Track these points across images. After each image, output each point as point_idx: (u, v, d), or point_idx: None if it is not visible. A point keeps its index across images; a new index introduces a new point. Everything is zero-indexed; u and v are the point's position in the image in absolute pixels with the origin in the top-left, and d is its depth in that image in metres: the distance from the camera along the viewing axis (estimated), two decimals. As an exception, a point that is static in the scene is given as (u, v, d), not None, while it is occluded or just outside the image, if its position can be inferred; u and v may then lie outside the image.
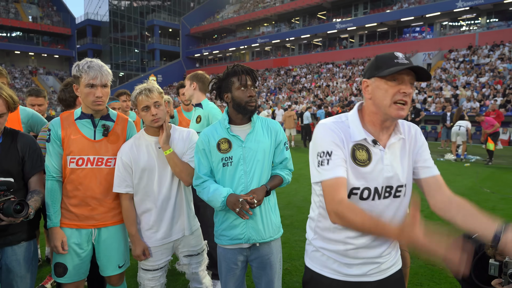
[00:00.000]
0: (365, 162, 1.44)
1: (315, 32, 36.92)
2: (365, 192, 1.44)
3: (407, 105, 1.40)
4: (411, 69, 1.38)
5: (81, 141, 2.15)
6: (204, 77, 3.27)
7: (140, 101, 2.17)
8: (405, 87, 1.38)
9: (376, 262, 1.51)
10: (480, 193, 7.03)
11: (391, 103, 1.39)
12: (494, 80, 21.11)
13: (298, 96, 29.56)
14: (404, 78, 1.39)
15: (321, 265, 1.56)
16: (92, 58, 2.14)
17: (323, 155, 1.43)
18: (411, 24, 31.87)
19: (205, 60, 49.93)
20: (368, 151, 1.45)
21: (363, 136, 1.45)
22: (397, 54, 1.41)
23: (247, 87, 2.03)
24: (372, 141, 1.45)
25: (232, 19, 44.78)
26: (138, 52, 51.12)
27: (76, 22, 50.64)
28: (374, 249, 1.49)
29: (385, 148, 1.46)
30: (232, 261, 2.12)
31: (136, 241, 2.23)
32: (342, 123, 1.49)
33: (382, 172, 1.44)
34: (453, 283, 3.37)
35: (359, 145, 1.45)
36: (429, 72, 1.39)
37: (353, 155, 1.44)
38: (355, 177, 1.43)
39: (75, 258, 2.16)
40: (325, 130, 1.47)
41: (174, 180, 2.27)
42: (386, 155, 1.45)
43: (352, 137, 1.45)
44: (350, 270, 1.50)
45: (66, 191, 2.17)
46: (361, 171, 1.43)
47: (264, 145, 2.08)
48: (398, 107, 1.39)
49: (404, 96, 1.39)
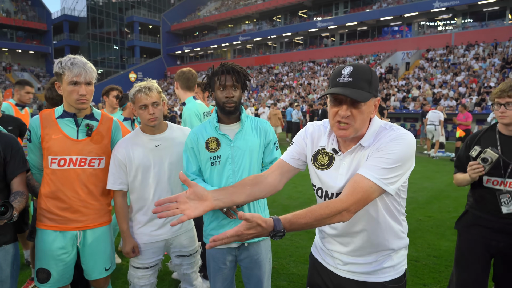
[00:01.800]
0: (323, 167, 1.50)
1: (296, 30, 37.09)
2: (319, 191, 1.54)
3: (350, 125, 1.34)
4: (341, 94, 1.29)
5: (63, 141, 2.08)
6: (188, 74, 3.23)
7: (138, 99, 2.13)
8: (341, 110, 1.34)
9: (342, 260, 1.53)
10: (458, 189, 7.22)
11: (334, 122, 1.38)
12: (470, 79, 21.76)
13: (280, 94, 29.65)
14: (342, 99, 1.34)
15: (314, 245, 1.74)
16: (75, 55, 2.06)
17: (291, 144, 1.64)
18: (390, 23, 32.46)
19: (186, 58, 49.41)
20: (331, 158, 1.49)
21: (324, 144, 1.51)
22: (343, 70, 1.34)
23: (226, 88, 2.00)
24: (332, 150, 1.48)
25: (213, 16, 44.47)
26: (117, 48, 50.09)
27: (52, 17, 49.14)
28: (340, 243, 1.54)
29: (342, 156, 1.46)
30: (221, 261, 2.11)
31: (126, 237, 2.21)
32: (324, 127, 1.56)
33: (336, 180, 1.46)
34: (436, 278, 3.46)
35: (323, 150, 1.52)
36: (358, 95, 1.28)
37: (314, 158, 1.54)
38: (314, 176, 1.55)
39: (59, 263, 2.09)
40: (305, 128, 1.62)
41: (172, 177, 2.25)
42: (344, 164, 1.44)
43: (320, 142, 1.54)
44: (326, 258, 1.62)
45: (48, 192, 2.10)
46: (318, 173, 1.52)
47: (253, 145, 2.07)
48: (339, 127, 1.37)
49: (342, 118, 1.34)
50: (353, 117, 1.34)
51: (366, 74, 1.33)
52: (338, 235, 1.53)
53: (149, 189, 2.22)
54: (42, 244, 2.08)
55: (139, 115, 2.18)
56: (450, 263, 3.76)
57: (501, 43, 24.56)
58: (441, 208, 5.82)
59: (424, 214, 5.51)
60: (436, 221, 5.15)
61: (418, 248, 4.18)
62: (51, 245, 2.07)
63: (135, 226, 2.27)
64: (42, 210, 2.11)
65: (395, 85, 24.56)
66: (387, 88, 24.62)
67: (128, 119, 3.97)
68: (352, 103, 1.33)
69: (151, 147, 2.22)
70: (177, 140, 2.27)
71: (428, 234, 4.63)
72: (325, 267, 1.61)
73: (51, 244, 2.07)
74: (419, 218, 5.31)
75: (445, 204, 6.07)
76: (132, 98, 2.17)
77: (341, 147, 1.48)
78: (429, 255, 3.98)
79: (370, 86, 1.33)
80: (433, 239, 4.47)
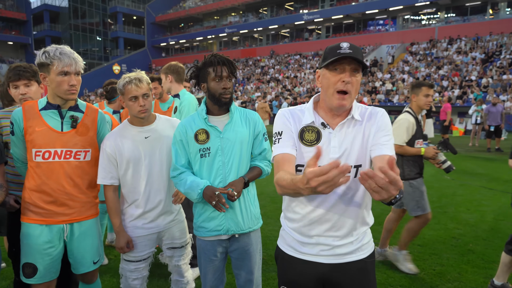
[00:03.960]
0: (313, 143, 1.52)
1: (282, 23, 37.01)
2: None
3: (349, 94, 1.45)
4: (348, 57, 1.42)
5: (47, 133, 2.03)
6: (179, 67, 3.27)
7: (128, 90, 2.10)
8: (345, 76, 1.44)
9: (327, 244, 1.55)
10: (441, 180, 7.40)
11: (334, 91, 1.46)
12: (452, 72, 22.17)
13: (266, 87, 29.62)
14: (345, 68, 1.44)
15: (284, 243, 1.68)
16: (60, 45, 2.01)
17: (276, 135, 1.58)
18: (375, 17, 32.69)
19: (171, 50, 48.76)
20: (318, 133, 1.53)
21: (312, 119, 1.55)
22: (342, 44, 1.44)
23: (222, 79, 1.99)
24: (321, 124, 1.54)
25: (199, 7, 43.90)
26: (100, 40, 49.05)
27: (32, 7, 47.77)
28: (326, 223, 1.54)
29: (333, 130, 1.52)
30: (212, 253, 2.11)
31: (120, 232, 2.19)
32: (300, 110, 1.61)
33: (328, 153, 1.50)
34: (420, 266, 3.54)
35: (309, 127, 1.55)
36: (362, 61, 1.43)
37: (301, 136, 1.54)
38: (301, 156, 1.53)
39: (45, 257, 2.05)
40: (278, 116, 1.62)
41: (163, 169, 2.23)
42: (335, 138, 1.51)
43: (303, 121, 1.56)
44: (304, 248, 1.59)
45: (33, 186, 2.05)
46: (307, 150, 1.52)
47: (242, 136, 2.07)
48: (339, 96, 1.45)
49: (344, 85, 1.44)
50: (352, 84, 1.45)
51: (360, 50, 1.47)
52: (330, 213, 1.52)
53: (141, 181, 2.19)
54: (28, 238, 2.04)
55: (128, 107, 2.15)
56: (434, 251, 3.86)
57: (482, 38, 25.07)
58: (424, 199, 5.94)
59: (408, 205, 5.61)
60: (420, 211, 5.25)
61: (403, 237, 4.26)
62: (37, 239, 2.03)
63: (127, 219, 2.24)
64: (27, 204, 2.07)
65: (380, 78, 24.82)
66: (372, 81, 24.86)
67: (117, 112, 3.91)
68: (352, 71, 1.45)
69: (140, 139, 2.19)
70: (166, 132, 2.25)
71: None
72: (303, 259, 1.59)
73: (37, 238, 2.03)
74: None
75: (428, 194, 6.15)
76: (122, 90, 2.13)
77: (328, 121, 1.54)
78: (414, 243, 4.07)
79: (363, 59, 1.46)
80: (417, 228, 4.56)
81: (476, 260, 3.66)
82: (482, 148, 12.21)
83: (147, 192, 2.20)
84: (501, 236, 4.27)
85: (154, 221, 2.25)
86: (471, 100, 17.99)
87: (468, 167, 8.85)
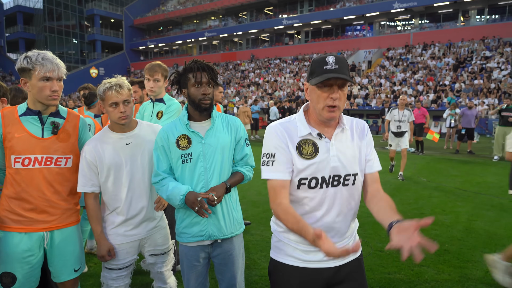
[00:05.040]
0: (312, 155, 1.55)
1: (262, 27, 37.27)
2: (313, 182, 1.56)
3: (338, 107, 1.51)
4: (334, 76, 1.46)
5: (27, 139, 1.99)
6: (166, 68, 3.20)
7: (108, 97, 2.07)
8: (333, 94, 1.50)
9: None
10: (418, 182, 7.62)
11: (324, 106, 1.52)
12: (427, 77, 22.86)
13: (247, 91, 29.69)
14: (332, 84, 1.49)
15: (282, 254, 1.65)
16: (33, 49, 2.00)
17: (268, 156, 1.57)
18: (353, 22, 33.39)
19: (150, 53, 48.21)
20: (314, 145, 1.57)
21: (308, 131, 1.57)
22: (328, 59, 1.49)
23: (201, 85, 2.00)
24: (317, 135, 1.58)
25: (178, 11, 43.67)
26: (77, 43, 47.95)
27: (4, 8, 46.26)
28: (331, 231, 1.60)
29: (331, 140, 1.58)
30: (194, 258, 2.11)
31: (101, 240, 2.15)
32: (290, 122, 1.62)
33: (328, 162, 1.55)
34: (399, 267, 3.64)
35: (305, 140, 1.57)
36: (348, 77, 1.48)
37: (299, 150, 1.56)
38: (302, 169, 1.55)
39: (24, 266, 2.00)
40: (271, 133, 1.60)
41: (145, 176, 2.21)
42: (332, 146, 1.57)
43: (298, 133, 1.58)
44: (308, 256, 1.60)
45: (12, 193, 2.01)
46: (308, 163, 1.55)
47: (224, 142, 2.08)
48: (329, 109, 1.52)
49: (333, 102, 1.50)
50: (340, 99, 1.52)
51: (346, 62, 1.53)
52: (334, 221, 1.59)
53: (122, 188, 2.16)
54: (6, 246, 1.99)
55: (108, 113, 2.12)
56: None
57: (454, 44, 25.99)
58: (402, 201, 6.11)
59: (386, 207, 5.75)
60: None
61: (382, 238, 4.37)
62: (16, 247, 1.98)
63: (108, 226, 2.21)
64: (6, 212, 2.01)
65: (358, 83, 25.33)
66: (350, 85, 25.34)
67: (99, 116, 3.85)
68: (340, 86, 1.50)
69: (121, 146, 2.16)
70: (148, 137, 2.24)
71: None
72: (308, 268, 1.60)
73: (16, 247, 1.98)
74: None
75: (406, 197, 6.37)
76: (102, 95, 2.10)
77: (322, 132, 1.59)
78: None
79: (349, 72, 1.52)
80: (396, 230, 4.68)
81: (452, 259, 3.79)
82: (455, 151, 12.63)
83: (128, 199, 2.18)
84: (475, 236, 4.43)
85: (136, 228, 2.22)
86: (445, 104, 18.59)
87: (443, 169, 9.14)
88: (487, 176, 8.11)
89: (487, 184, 7.35)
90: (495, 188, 6.95)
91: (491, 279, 3.34)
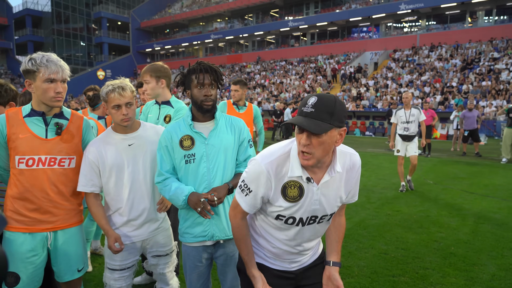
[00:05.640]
0: (296, 199, 1.51)
1: (268, 29, 37.32)
2: (290, 220, 1.59)
3: (311, 154, 1.40)
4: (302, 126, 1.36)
5: (31, 140, 2.01)
6: (169, 71, 3.07)
7: (111, 99, 2.08)
8: (302, 139, 1.40)
9: (294, 261, 1.72)
10: (424, 184, 7.55)
11: (299, 151, 1.44)
12: (434, 78, 22.70)
13: (252, 92, 29.73)
14: (304, 129, 1.37)
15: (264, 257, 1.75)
16: (39, 51, 2.03)
17: (247, 187, 1.56)
18: (359, 24, 33.29)
19: (157, 55, 48.52)
20: (300, 188, 1.51)
21: (299, 174, 1.48)
22: (309, 100, 1.39)
23: (204, 86, 2.01)
24: (306, 179, 1.50)
25: (184, 13, 43.92)
26: (84, 45, 48.43)
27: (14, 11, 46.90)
28: (299, 252, 1.71)
29: (318, 185, 1.52)
30: (197, 259, 2.11)
31: (108, 231, 2.15)
32: (284, 156, 1.51)
33: (310, 205, 1.54)
34: (403, 269, 3.61)
35: (291, 182, 1.50)
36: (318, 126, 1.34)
37: (283, 192, 1.51)
38: (282, 209, 1.54)
39: (28, 266, 2.02)
40: (257, 173, 1.52)
41: (147, 177, 2.22)
42: (318, 191, 1.52)
43: (289, 173, 1.49)
44: (274, 262, 1.72)
45: (16, 193, 2.03)
46: (289, 205, 1.53)
47: (227, 143, 2.08)
48: (303, 156, 1.42)
49: (303, 147, 1.40)
50: (313, 146, 1.39)
51: (329, 106, 1.36)
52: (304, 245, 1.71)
53: (124, 189, 2.17)
54: (10, 246, 2.00)
55: (111, 115, 2.14)
56: (417, 255, 3.93)
57: (461, 45, 25.79)
58: (408, 203, 6.06)
59: (392, 209, 5.72)
60: (404, 215, 5.36)
61: (387, 241, 4.34)
62: (20, 247, 2.00)
63: (112, 227, 2.21)
64: (10, 212, 2.03)
65: (365, 84, 25.23)
66: (356, 87, 25.24)
67: (103, 118, 3.88)
68: (312, 132, 1.36)
69: (123, 147, 2.17)
70: (150, 139, 2.25)
71: (396, 228, 4.82)
72: (274, 268, 1.72)
73: (19, 247, 2.00)
74: (387, 213, 5.50)
75: (411, 199, 6.32)
76: (105, 98, 2.11)
77: (311, 175, 1.51)
78: (397, 247, 4.14)
79: (331, 117, 1.36)
80: (401, 232, 4.65)
81: (457, 262, 3.74)
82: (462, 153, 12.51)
83: (130, 200, 2.18)
84: (481, 239, 4.38)
85: (138, 229, 2.23)
86: (453, 106, 18.44)
87: (450, 171, 9.06)
88: (494, 179, 8.02)
89: (494, 186, 7.27)
90: (503, 191, 6.86)
91: (498, 283, 3.29)
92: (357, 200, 6.14)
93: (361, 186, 7.39)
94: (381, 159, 11.13)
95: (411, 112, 6.80)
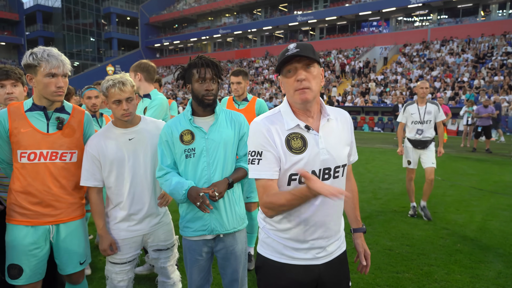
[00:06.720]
0: (301, 149, 1.49)
1: (277, 24, 37.09)
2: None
3: (309, 89, 1.47)
4: (296, 56, 1.44)
5: (32, 134, 2.03)
6: (149, 66, 3.15)
7: (112, 94, 2.09)
8: (298, 76, 1.47)
9: (321, 247, 1.58)
10: (431, 180, 7.45)
11: (294, 91, 1.49)
12: (445, 73, 22.35)
13: (260, 87, 29.65)
14: (296, 66, 1.47)
15: (271, 251, 1.62)
16: (46, 47, 2.03)
17: (254, 154, 1.51)
18: (369, 18, 32.87)
19: (165, 50, 48.65)
20: (303, 138, 1.51)
21: (296, 123, 1.51)
22: (290, 46, 1.48)
23: (205, 80, 2.01)
24: (305, 127, 1.52)
25: (193, 8, 43.88)
26: (94, 40, 48.81)
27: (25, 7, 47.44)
28: (322, 227, 1.56)
29: (318, 132, 1.53)
30: (197, 253, 2.12)
31: (103, 234, 2.18)
32: (275, 115, 1.57)
33: (318, 156, 1.50)
34: (408, 266, 3.58)
35: (293, 134, 1.51)
36: (309, 55, 1.44)
37: (288, 145, 1.50)
38: (292, 164, 1.49)
39: (31, 259, 2.05)
40: (256, 131, 1.52)
41: (147, 171, 2.23)
42: (321, 139, 1.52)
43: (286, 126, 1.52)
44: (298, 253, 1.57)
45: (18, 187, 2.05)
46: (297, 157, 1.49)
47: (227, 137, 2.08)
48: (300, 91, 1.47)
49: (300, 84, 1.47)
50: (308, 80, 1.47)
51: (309, 46, 1.49)
52: (326, 217, 1.56)
53: (124, 183, 2.19)
54: (13, 239, 2.04)
55: (112, 110, 2.15)
56: (422, 251, 3.89)
57: (474, 39, 25.31)
58: (416, 199, 5.99)
59: (399, 205, 5.67)
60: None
61: (392, 237, 4.30)
62: (23, 240, 2.03)
63: (111, 221, 2.24)
64: (13, 205, 2.07)
65: (374, 79, 24.96)
66: (365, 82, 25.00)
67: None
68: (304, 68, 1.47)
69: (124, 141, 2.19)
70: (151, 133, 2.25)
71: (402, 224, 4.78)
72: (298, 265, 1.58)
73: (22, 240, 2.03)
74: (394, 209, 5.46)
75: (418, 195, 6.25)
76: (105, 92, 2.12)
77: (308, 123, 1.55)
78: (402, 244, 4.10)
79: (314, 54, 1.49)
80: (407, 228, 4.61)
81: (463, 260, 3.70)
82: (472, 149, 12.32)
83: (131, 194, 2.20)
84: (488, 236, 4.32)
85: (139, 223, 2.24)
86: (463, 101, 18.15)
87: (459, 167, 8.94)
88: (505, 175, 7.89)
89: (504, 183, 7.15)
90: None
91: (503, 281, 3.25)
92: (363, 196, 6.14)
93: (368, 182, 7.35)
94: (389, 154, 11.03)
95: (427, 108, 4.97)
